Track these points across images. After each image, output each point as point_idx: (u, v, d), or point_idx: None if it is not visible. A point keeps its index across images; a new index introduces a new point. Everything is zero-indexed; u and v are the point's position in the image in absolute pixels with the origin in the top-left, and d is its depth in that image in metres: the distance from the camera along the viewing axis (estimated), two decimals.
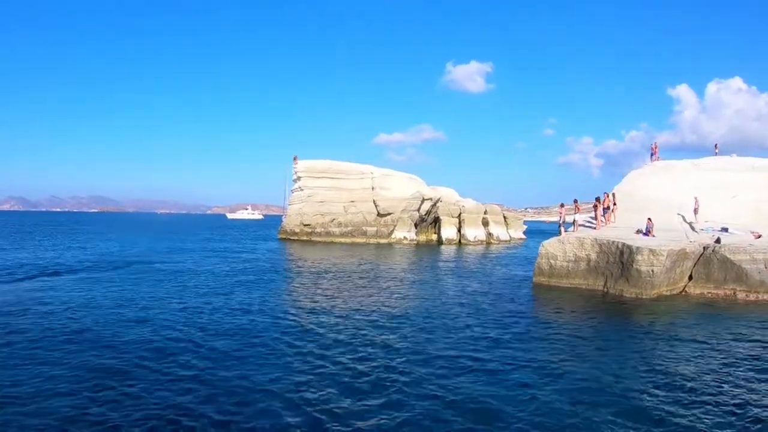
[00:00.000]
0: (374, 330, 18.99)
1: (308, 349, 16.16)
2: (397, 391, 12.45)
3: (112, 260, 41.95)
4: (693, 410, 11.60)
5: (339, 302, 24.66)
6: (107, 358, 14.78)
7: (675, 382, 13.47)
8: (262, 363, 14.60)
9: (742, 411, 11.63)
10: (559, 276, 29.54)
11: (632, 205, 38.82)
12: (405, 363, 14.79)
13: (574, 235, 30.52)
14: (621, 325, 20.85)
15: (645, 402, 12.02)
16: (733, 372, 14.40)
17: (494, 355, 15.44)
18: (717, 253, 28.21)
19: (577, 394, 12.43)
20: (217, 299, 24.80)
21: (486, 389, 12.65)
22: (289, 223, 76.75)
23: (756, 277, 27.20)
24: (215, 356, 15.17)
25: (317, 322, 20.03)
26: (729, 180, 44.72)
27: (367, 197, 72.79)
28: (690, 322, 21.13)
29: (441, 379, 13.42)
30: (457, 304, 24.42)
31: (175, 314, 21.03)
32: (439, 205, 73.49)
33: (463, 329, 19.11)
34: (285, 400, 11.86)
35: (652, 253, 25.96)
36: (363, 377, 13.51)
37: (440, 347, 16.45)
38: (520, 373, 14.04)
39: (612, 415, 11.23)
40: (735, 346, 17.28)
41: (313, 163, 76.77)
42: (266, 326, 19.23)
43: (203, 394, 12.10)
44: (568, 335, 18.56)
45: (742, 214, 39.04)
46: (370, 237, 69.72)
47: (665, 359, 15.60)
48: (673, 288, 27.65)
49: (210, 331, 18.30)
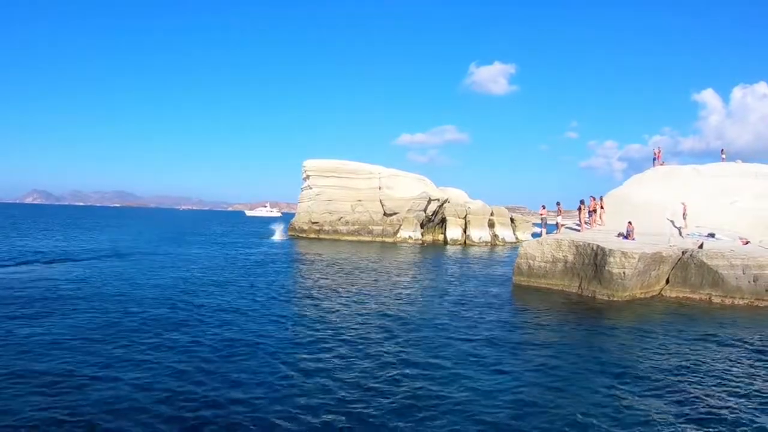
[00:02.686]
0: (355, 320, 20.39)
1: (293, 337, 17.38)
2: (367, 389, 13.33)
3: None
4: (645, 402, 12.50)
5: (327, 294, 25.90)
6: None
7: (625, 377, 14.38)
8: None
9: (691, 406, 12.46)
10: (537, 276, 30.34)
11: (627, 209, 39.26)
12: (372, 356, 15.95)
13: (553, 237, 31.27)
14: (583, 324, 21.60)
15: (597, 396, 12.83)
16: (685, 369, 15.30)
17: (459, 356, 15.98)
18: (694, 258, 28.76)
19: (532, 389, 13.21)
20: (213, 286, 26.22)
21: (447, 388, 13.30)
22: (298, 220, 78.34)
23: (733, 283, 27.70)
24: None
25: (306, 310, 21.31)
26: (730, 186, 44.83)
27: (374, 197, 74.06)
28: (650, 324, 21.80)
29: (402, 370, 14.47)
30: (435, 302, 25.46)
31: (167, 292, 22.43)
32: (446, 205, 74.31)
33: (434, 327, 20.08)
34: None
35: (623, 255, 26.64)
36: (341, 369, 14.65)
37: (411, 343, 17.40)
38: (473, 370, 15.01)
39: (561, 407, 12.06)
40: (689, 346, 18.10)
41: (322, 162, 78.20)
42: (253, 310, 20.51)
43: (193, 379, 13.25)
44: (531, 333, 19.50)
45: (740, 220, 39.20)
46: (376, 236, 70.89)
47: (616, 357, 16.54)
48: (649, 291, 28.24)
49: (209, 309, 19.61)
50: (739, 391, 13.45)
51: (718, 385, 13.88)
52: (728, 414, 11.91)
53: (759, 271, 27.92)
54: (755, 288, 27.58)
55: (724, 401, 12.73)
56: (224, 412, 11.18)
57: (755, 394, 13.30)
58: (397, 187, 74.66)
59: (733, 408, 12.29)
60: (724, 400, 12.82)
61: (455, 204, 75.45)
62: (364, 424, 10.84)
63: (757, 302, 27.21)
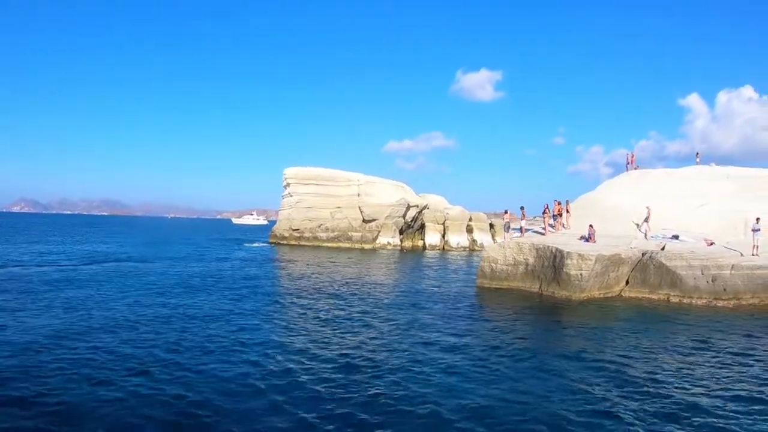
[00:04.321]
0: (325, 322, 21.16)
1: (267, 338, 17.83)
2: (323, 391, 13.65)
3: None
4: (591, 395, 13.16)
5: (296, 300, 26.36)
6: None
7: (566, 371, 15.10)
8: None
9: (647, 401, 13.03)
10: (500, 279, 30.94)
11: (597, 213, 39.90)
12: (338, 357, 16.48)
13: (514, 240, 31.86)
14: (534, 323, 22.36)
15: (546, 392, 13.34)
16: (627, 365, 15.92)
17: (426, 356, 16.44)
18: (653, 260, 29.42)
19: (482, 387, 13.68)
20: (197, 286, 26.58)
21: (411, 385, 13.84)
22: (279, 227, 78.72)
23: (691, 283, 28.36)
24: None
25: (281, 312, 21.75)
26: (701, 189, 45.61)
27: (353, 204, 74.63)
28: (599, 322, 22.56)
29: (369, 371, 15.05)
30: (400, 306, 25.95)
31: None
32: (426, 212, 75.02)
33: (396, 328, 20.68)
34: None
35: (580, 257, 27.28)
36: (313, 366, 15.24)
37: (376, 344, 17.92)
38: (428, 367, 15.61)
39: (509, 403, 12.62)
40: (638, 342, 18.77)
41: (302, 170, 78.64)
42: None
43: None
44: (486, 333, 20.01)
45: (710, 221, 39.86)
46: (355, 242, 71.36)
47: (558, 354, 17.17)
48: (608, 291, 28.87)
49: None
50: (691, 385, 14.10)
51: (672, 378, 14.59)
52: (683, 407, 12.48)
53: (717, 271, 28.59)
54: (714, 288, 28.26)
55: (680, 395, 13.32)
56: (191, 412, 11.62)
57: (709, 387, 13.96)
58: (376, 194, 75.38)
59: (689, 401, 12.86)
60: (679, 393, 13.42)
61: (434, 210, 76.17)
62: (333, 420, 11.30)
63: (716, 302, 27.88)
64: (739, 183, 46.26)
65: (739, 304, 27.66)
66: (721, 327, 22.06)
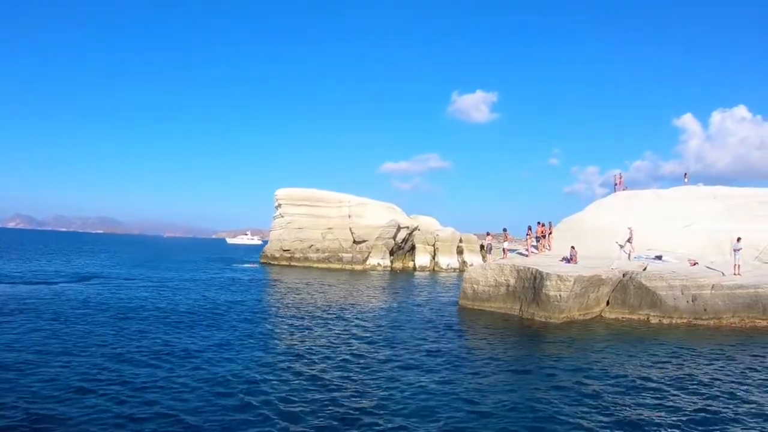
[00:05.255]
0: (309, 342, 21.38)
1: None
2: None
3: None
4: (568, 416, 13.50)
5: (285, 320, 26.57)
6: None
7: (539, 391, 15.49)
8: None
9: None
10: (482, 300, 31.22)
11: (584, 234, 40.26)
12: (320, 375, 16.81)
13: (496, 262, 32.18)
14: (513, 344, 22.58)
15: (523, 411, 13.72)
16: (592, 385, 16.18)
17: (403, 377, 16.67)
18: (634, 280, 29.73)
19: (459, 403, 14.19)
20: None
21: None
22: (270, 248, 79.07)
23: (670, 303, 28.68)
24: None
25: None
26: (688, 209, 46.03)
27: (344, 225, 75.08)
28: (574, 342, 22.87)
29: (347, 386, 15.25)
30: (382, 325, 26.29)
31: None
32: (416, 233, 75.38)
33: (376, 348, 21.03)
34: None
35: (559, 278, 27.58)
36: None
37: (354, 365, 18.14)
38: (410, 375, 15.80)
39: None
40: (608, 363, 19.06)
41: (293, 191, 79.13)
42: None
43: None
44: (465, 353, 20.38)
45: (695, 241, 40.19)
46: (345, 263, 71.58)
47: (535, 374, 17.55)
48: (588, 312, 29.11)
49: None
50: (666, 404, 14.46)
51: (645, 399, 14.92)
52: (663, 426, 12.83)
53: (697, 291, 28.94)
54: (694, 308, 28.60)
55: (652, 413, 13.69)
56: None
57: (684, 406, 14.29)
58: (367, 216, 75.87)
59: (668, 421, 13.19)
60: (651, 412, 13.79)
61: (425, 231, 76.57)
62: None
63: (696, 321, 28.22)
64: (726, 203, 46.72)
65: (720, 323, 27.96)
66: (695, 345, 22.48)
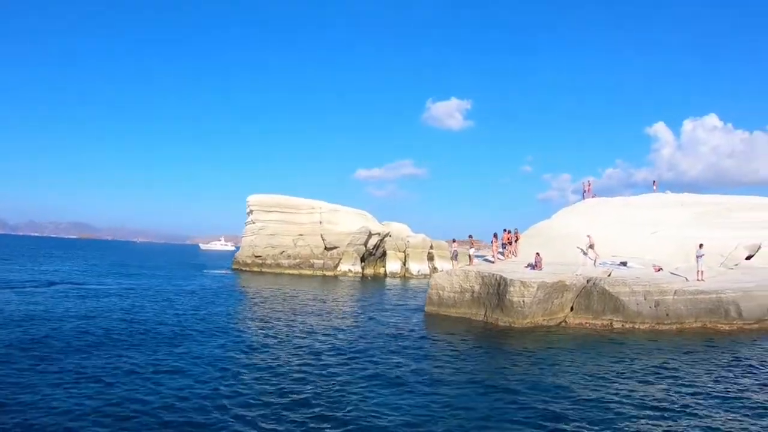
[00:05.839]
0: (275, 346, 21.70)
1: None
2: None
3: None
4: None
5: (252, 325, 26.39)
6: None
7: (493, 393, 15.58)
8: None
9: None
10: (447, 306, 31.34)
11: (551, 241, 40.64)
12: (285, 381, 16.77)
13: (461, 268, 32.38)
14: (477, 349, 22.82)
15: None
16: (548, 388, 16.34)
17: (366, 382, 16.79)
18: (597, 286, 30.00)
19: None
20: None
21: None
22: (242, 254, 78.69)
23: (633, 309, 28.98)
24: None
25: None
26: (655, 216, 46.67)
27: (315, 231, 75.06)
28: (534, 347, 23.02)
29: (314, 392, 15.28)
30: (349, 332, 26.23)
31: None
32: (387, 239, 75.59)
33: (342, 355, 20.92)
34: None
35: (523, 284, 27.80)
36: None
37: (318, 372, 18.00)
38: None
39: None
40: (574, 366, 19.24)
41: (265, 197, 78.83)
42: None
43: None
44: (428, 359, 20.53)
45: (663, 248, 40.74)
46: (317, 269, 71.53)
47: (496, 378, 17.61)
48: (552, 318, 29.29)
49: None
50: (630, 405, 14.73)
51: (613, 398, 15.24)
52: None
53: (660, 296, 29.29)
54: (656, 313, 28.92)
55: (620, 415, 13.94)
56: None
57: (646, 406, 14.67)
58: (339, 222, 75.88)
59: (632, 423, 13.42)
60: (618, 414, 14.03)
61: (396, 238, 76.78)
62: None
63: (659, 326, 28.52)
64: (693, 210, 47.56)
65: (682, 328, 28.29)
66: (655, 348, 22.96)
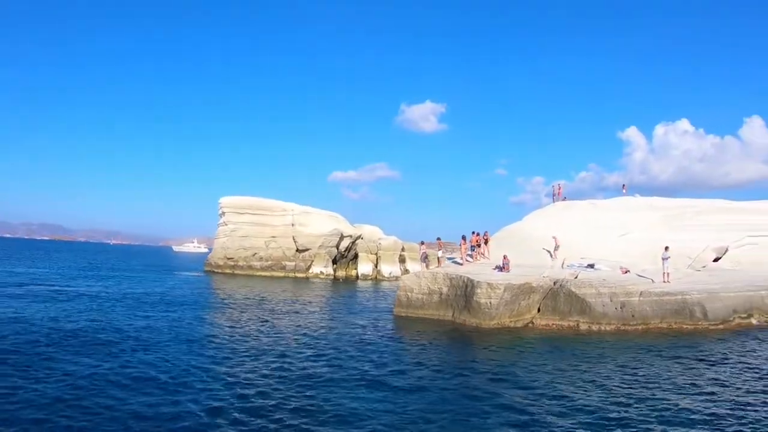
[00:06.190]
0: (245, 349, 21.48)
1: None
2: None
3: None
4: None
5: (218, 328, 26.15)
6: None
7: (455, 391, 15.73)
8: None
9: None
10: (416, 307, 31.45)
11: (520, 243, 40.92)
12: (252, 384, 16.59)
13: (429, 270, 32.52)
14: (444, 349, 23.03)
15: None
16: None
17: (335, 384, 16.79)
18: (564, 288, 30.29)
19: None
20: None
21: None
22: (214, 256, 78.30)
23: (599, 310, 29.30)
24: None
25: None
26: (624, 219, 47.23)
27: (288, 233, 74.82)
28: (499, 348, 23.25)
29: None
30: (318, 334, 26.06)
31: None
32: (359, 242, 75.58)
33: (310, 357, 20.80)
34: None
35: (490, 286, 28.01)
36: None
37: (286, 374, 17.89)
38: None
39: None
40: (539, 367, 19.37)
41: (237, 199, 78.45)
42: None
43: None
44: (395, 359, 20.59)
45: (631, 250, 41.23)
46: (288, 271, 71.34)
47: (459, 378, 17.74)
48: (519, 319, 29.49)
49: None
50: (594, 400, 15.07)
51: (576, 393, 15.41)
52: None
53: (626, 298, 29.67)
54: (622, 314, 29.28)
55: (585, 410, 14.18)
56: None
57: (609, 399, 15.04)
58: (311, 224, 75.83)
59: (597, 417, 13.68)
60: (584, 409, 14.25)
61: (368, 240, 76.82)
62: None
63: (625, 327, 28.85)
64: (662, 213, 48.25)
65: (648, 328, 28.65)
66: (620, 347, 23.45)
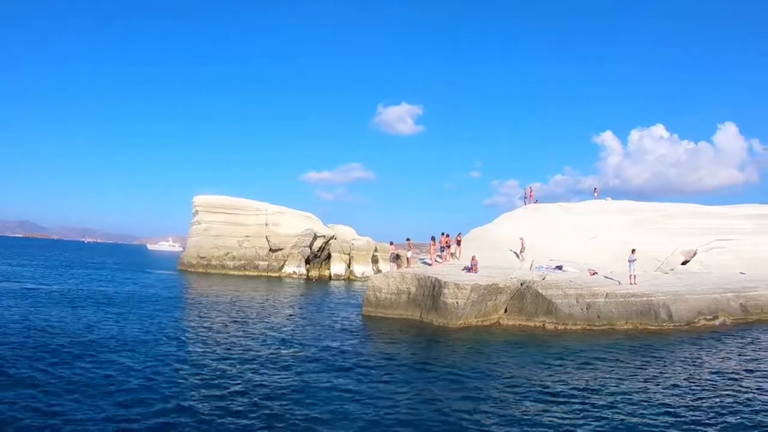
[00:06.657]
0: (216, 348, 21.56)
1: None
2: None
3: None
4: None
5: (188, 327, 26.04)
6: None
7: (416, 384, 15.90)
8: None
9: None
10: (384, 307, 31.63)
11: (490, 245, 41.36)
12: (223, 382, 16.72)
13: (398, 270, 32.76)
14: (411, 348, 23.23)
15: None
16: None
17: (305, 382, 16.88)
18: (530, 289, 30.70)
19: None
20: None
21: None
22: (187, 255, 77.80)
23: (565, 311, 29.73)
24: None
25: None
26: (595, 222, 47.94)
27: (261, 233, 74.57)
28: (465, 347, 23.62)
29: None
30: (288, 333, 26.17)
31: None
32: (332, 242, 75.59)
33: (280, 356, 20.79)
34: None
35: (457, 287, 28.31)
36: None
37: (253, 374, 17.86)
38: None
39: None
40: (501, 365, 19.63)
41: (211, 198, 77.99)
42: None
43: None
44: (362, 359, 20.66)
45: (601, 252, 41.86)
46: (261, 271, 71.11)
47: (423, 376, 17.97)
48: (486, 319, 29.85)
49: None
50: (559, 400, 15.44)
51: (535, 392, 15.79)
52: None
53: (592, 299, 30.18)
54: (588, 315, 29.76)
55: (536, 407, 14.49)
56: None
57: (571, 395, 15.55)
58: (284, 224, 75.78)
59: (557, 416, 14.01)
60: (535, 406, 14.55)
61: (341, 241, 76.80)
62: None
63: (590, 327, 29.33)
64: (633, 217, 49.11)
65: (613, 329, 29.09)
66: (584, 347, 23.73)
